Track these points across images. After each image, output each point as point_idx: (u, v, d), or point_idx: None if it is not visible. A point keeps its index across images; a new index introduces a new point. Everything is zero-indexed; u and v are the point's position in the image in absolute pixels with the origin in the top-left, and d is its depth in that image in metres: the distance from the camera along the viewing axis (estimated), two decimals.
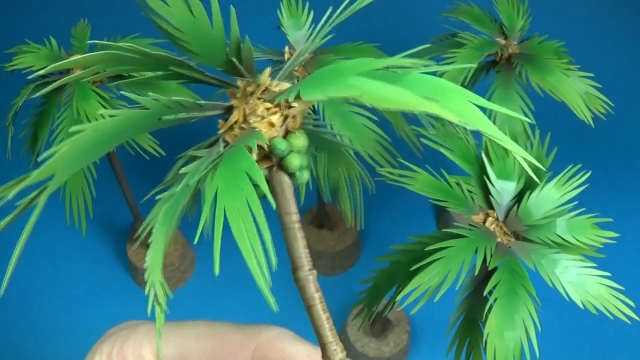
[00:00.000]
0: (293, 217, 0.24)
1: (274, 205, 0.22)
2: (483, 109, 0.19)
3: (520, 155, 0.19)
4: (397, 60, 0.19)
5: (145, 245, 0.85)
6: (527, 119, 0.21)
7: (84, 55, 0.20)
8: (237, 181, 0.20)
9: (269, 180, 0.23)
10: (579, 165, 0.55)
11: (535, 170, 0.52)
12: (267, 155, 0.23)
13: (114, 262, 0.90)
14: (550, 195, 0.53)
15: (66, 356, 0.85)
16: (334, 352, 0.24)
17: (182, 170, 0.21)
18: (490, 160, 0.54)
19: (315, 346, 0.23)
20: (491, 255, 0.50)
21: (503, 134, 0.19)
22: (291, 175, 0.23)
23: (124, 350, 0.23)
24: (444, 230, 0.51)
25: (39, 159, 0.19)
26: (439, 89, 0.19)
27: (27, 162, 0.71)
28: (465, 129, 0.57)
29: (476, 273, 0.51)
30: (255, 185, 0.20)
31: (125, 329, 0.23)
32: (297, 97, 0.21)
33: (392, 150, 0.65)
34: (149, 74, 0.22)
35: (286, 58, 0.66)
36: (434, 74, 0.20)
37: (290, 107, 0.23)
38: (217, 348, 0.22)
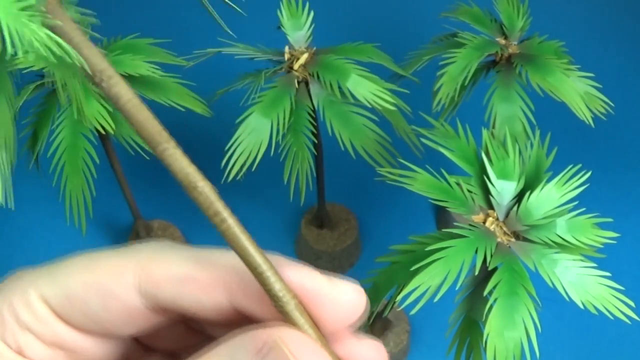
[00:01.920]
0: (109, 72, 0.19)
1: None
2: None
3: None
4: None
5: None
6: None
7: None
8: None
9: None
10: (579, 165, 0.55)
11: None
12: None
13: None
14: (550, 195, 0.53)
15: None
16: (278, 288, 0.20)
17: None
18: (490, 160, 0.54)
19: (199, 251, 0.22)
20: (491, 255, 0.50)
21: None
22: None
23: (14, 304, 0.22)
24: (444, 230, 0.51)
25: None
26: None
27: (27, 162, 0.71)
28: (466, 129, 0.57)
29: (476, 273, 0.51)
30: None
31: (10, 282, 0.23)
32: None
33: (392, 150, 0.65)
34: None
35: (286, 58, 0.66)
36: None
37: None
38: (100, 278, 0.22)
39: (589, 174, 0.54)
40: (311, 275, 0.22)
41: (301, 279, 0.21)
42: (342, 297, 0.22)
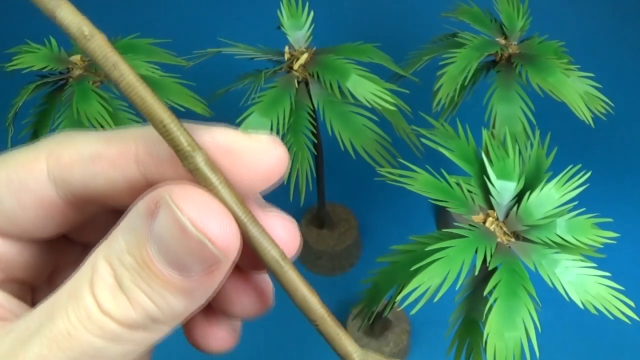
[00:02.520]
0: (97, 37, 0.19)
1: None
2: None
3: None
4: None
5: None
6: None
7: None
8: None
9: None
10: (579, 166, 0.55)
11: None
12: None
13: None
14: (550, 196, 0.53)
15: None
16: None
17: None
18: (490, 160, 0.54)
19: (109, 131, 0.21)
20: (491, 256, 0.50)
21: None
22: None
23: None
24: (444, 230, 0.51)
25: None
26: None
27: None
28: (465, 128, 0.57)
29: (476, 273, 0.51)
30: None
31: None
32: None
33: (392, 150, 0.65)
34: None
35: (286, 58, 0.66)
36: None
37: None
38: (12, 173, 0.21)
39: (588, 174, 0.54)
40: (225, 130, 0.20)
41: (214, 136, 0.20)
42: (259, 148, 0.20)
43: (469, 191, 0.54)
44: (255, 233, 0.20)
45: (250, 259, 0.22)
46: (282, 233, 0.21)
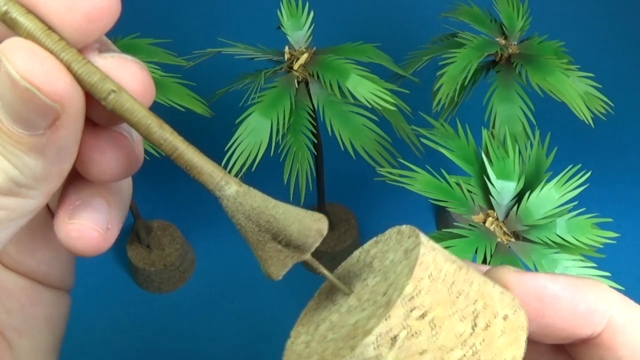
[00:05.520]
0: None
1: None
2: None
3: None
4: None
5: (146, 245, 0.85)
6: None
7: None
8: None
9: None
10: (579, 166, 0.55)
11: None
12: None
13: (114, 262, 0.90)
14: (550, 196, 0.53)
15: (65, 357, 0.84)
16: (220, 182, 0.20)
17: None
18: (490, 160, 0.54)
19: None
20: (491, 256, 0.50)
21: None
22: None
23: None
24: (444, 230, 0.51)
25: None
26: None
27: None
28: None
29: None
30: None
31: None
32: None
33: (392, 150, 0.65)
34: None
35: (286, 58, 0.66)
36: None
37: None
38: None
39: (588, 174, 0.54)
40: None
41: None
42: None
43: (469, 191, 0.54)
44: (79, 70, 0.19)
45: (105, 113, 0.21)
46: (121, 74, 0.20)
